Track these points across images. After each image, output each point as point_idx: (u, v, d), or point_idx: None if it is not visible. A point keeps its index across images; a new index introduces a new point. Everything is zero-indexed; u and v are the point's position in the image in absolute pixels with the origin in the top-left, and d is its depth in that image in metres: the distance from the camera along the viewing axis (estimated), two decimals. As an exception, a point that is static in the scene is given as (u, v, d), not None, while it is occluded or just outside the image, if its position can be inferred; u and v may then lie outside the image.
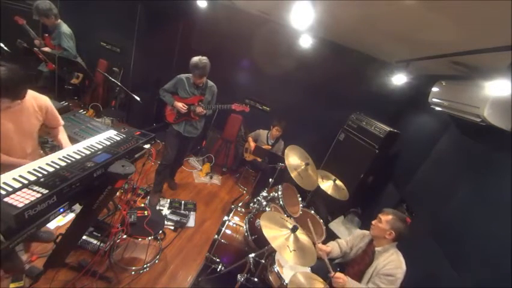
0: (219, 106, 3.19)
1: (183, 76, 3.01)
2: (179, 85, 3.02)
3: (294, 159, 2.74)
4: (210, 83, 3.12)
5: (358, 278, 1.97)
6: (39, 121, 1.76)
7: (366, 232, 2.17)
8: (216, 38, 4.24)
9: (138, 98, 3.41)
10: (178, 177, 3.88)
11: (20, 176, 1.22)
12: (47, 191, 1.15)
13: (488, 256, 1.70)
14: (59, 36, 3.36)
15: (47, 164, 1.36)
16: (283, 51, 4.06)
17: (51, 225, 2.40)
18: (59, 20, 3.37)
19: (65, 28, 3.40)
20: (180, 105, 2.98)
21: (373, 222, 2.03)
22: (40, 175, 1.26)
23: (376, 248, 1.97)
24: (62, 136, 1.87)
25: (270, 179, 3.14)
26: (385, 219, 1.92)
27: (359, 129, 3.61)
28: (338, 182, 2.95)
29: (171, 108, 3.09)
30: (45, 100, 1.77)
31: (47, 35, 3.44)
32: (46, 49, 3.39)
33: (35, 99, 1.72)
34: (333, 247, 2.25)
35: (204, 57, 2.82)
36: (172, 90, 3.06)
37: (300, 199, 2.93)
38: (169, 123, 3.16)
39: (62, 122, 1.90)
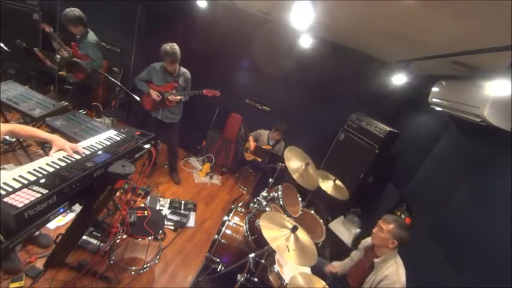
0: (191, 92, 3.24)
1: (157, 64, 3.12)
2: (153, 73, 3.13)
3: (294, 161, 2.73)
4: (183, 69, 3.21)
5: (359, 283, 1.96)
6: None
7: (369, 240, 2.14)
8: (216, 38, 4.24)
9: (138, 98, 3.41)
10: (178, 177, 3.87)
11: (20, 176, 1.22)
12: (47, 191, 1.15)
13: (488, 256, 1.70)
14: (86, 46, 3.26)
15: (47, 164, 1.36)
16: (284, 51, 4.05)
17: (51, 225, 2.40)
18: (87, 29, 3.28)
19: (92, 37, 3.29)
20: (154, 95, 3.09)
21: (374, 230, 1.96)
22: (40, 175, 1.26)
23: (375, 260, 1.91)
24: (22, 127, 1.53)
25: (270, 179, 3.14)
26: (386, 229, 1.85)
27: (359, 129, 3.61)
28: (338, 182, 2.95)
29: (147, 95, 3.17)
30: None
31: (74, 43, 3.29)
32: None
33: None
34: (345, 264, 2.28)
35: (174, 44, 2.93)
36: (146, 78, 3.18)
37: (300, 199, 2.93)
38: (147, 111, 3.27)
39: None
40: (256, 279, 2.11)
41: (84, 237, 2.28)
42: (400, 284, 1.76)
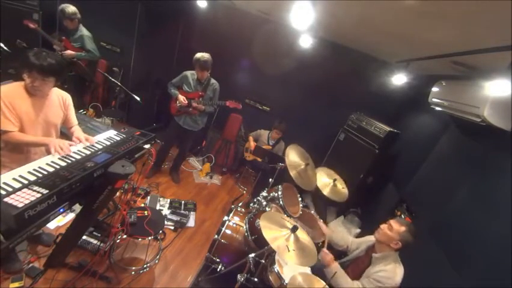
0: (215, 103, 3.37)
1: (188, 72, 3.31)
2: (184, 80, 3.31)
3: (294, 157, 2.74)
4: (213, 80, 3.35)
5: (357, 279, 1.96)
6: (63, 115, 1.87)
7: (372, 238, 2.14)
8: (216, 38, 4.24)
9: (138, 98, 3.42)
10: (178, 177, 3.87)
11: (20, 176, 1.22)
12: (47, 191, 1.15)
13: (488, 256, 1.70)
14: (81, 39, 3.50)
15: (47, 164, 1.36)
16: (283, 51, 4.05)
17: (52, 225, 2.40)
18: (80, 23, 3.51)
19: (86, 31, 3.54)
20: (181, 99, 3.23)
21: (382, 226, 1.95)
22: (40, 175, 1.26)
23: (374, 254, 1.92)
24: (79, 134, 1.81)
25: (270, 179, 3.13)
26: (397, 230, 1.84)
27: (359, 129, 3.61)
28: (338, 182, 2.94)
29: (175, 100, 3.32)
30: (68, 97, 1.91)
31: (64, 38, 3.50)
32: (69, 52, 3.43)
33: (61, 94, 1.85)
34: (336, 232, 2.34)
35: (206, 54, 3.11)
36: (178, 85, 3.36)
37: (300, 199, 2.93)
38: (172, 115, 3.46)
39: (76, 122, 1.97)
40: (256, 279, 2.10)
41: (84, 237, 2.28)
42: (393, 281, 1.76)
